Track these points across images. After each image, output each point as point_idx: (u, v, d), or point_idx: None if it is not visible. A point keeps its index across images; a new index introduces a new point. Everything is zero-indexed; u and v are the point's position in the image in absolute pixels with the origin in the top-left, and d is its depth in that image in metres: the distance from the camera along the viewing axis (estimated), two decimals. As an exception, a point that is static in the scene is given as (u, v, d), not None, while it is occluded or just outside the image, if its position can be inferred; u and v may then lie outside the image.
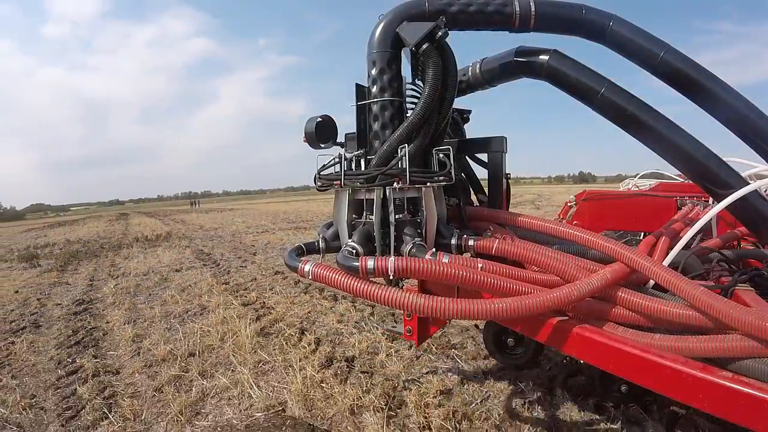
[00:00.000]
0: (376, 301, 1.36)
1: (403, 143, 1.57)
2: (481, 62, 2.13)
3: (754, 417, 1.01)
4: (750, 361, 1.09)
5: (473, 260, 1.53)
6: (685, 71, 1.77)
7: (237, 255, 9.30)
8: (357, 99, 1.74)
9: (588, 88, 1.74)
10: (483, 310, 1.29)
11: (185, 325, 4.44)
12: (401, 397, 2.71)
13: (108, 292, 6.24)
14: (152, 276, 7.34)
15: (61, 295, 6.41)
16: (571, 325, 1.42)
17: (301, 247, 1.71)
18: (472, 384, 2.84)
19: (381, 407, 2.57)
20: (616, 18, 1.82)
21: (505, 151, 1.96)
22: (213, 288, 6.04)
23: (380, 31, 1.68)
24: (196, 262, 8.59)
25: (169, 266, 8.26)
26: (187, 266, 8.20)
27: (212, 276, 6.92)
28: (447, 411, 2.46)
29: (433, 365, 3.16)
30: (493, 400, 2.64)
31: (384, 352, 3.41)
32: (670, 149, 1.70)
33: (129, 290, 6.33)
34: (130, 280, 7.03)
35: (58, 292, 6.65)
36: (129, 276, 7.44)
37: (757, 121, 1.76)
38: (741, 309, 1.12)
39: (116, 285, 6.70)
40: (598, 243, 1.54)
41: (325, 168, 1.70)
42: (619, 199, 3.15)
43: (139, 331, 4.38)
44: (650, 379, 1.22)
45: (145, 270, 7.96)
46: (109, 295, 6.04)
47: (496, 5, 1.73)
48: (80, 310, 5.43)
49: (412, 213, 1.62)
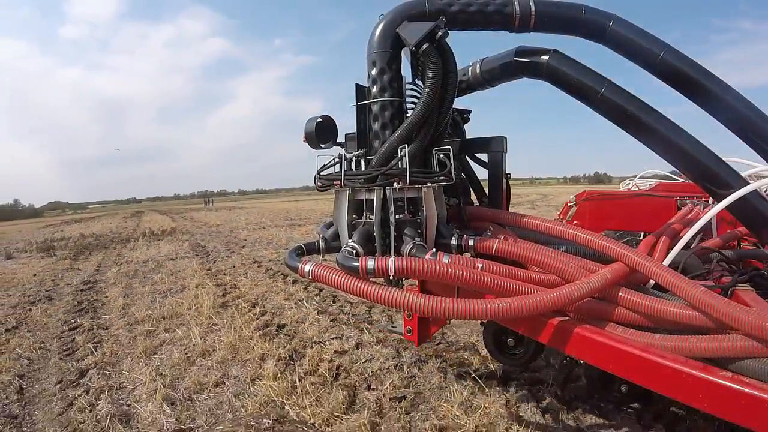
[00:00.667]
0: (376, 301, 1.36)
1: (403, 143, 1.57)
2: (481, 62, 2.13)
3: (754, 417, 1.01)
4: (750, 361, 1.09)
5: (473, 260, 1.53)
6: (685, 71, 1.77)
7: (227, 248, 10.42)
8: (357, 99, 1.74)
9: (588, 88, 1.74)
10: (483, 310, 1.29)
11: (165, 298, 5.57)
12: (304, 353, 3.53)
13: (110, 276, 7.41)
14: (150, 263, 8.55)
15: (71, 278, 7.64)
16: (572, 325, 1.42)
17: (301, 247, 1.71)
18: (365, 350, 3.57)
19: (284, 357, 3.42)
20: (616, 18, 1.82)
21: (505, 151, 1.96)
22: (196, 273, 7.18)
23: (380, 31, 1.68)
24: (190, 253, 9.79)
25: (167, 256, 9.44)
26: (181, 256, 9.42)
27: (199, 264, 8.14)
28: (333, 365, 3.23)
29: (343, 333, 3.97)
30: (374, 363, 3.28)
31: (309, 322, 4.30)
32: (671, 149, 1.70)
33: (128, 274, 7.48)
34: (130, 267, 8.22)
35: (69, 276, 7.89)
36: (130, 263, 8.67)
37: (757, 121, 1.76)
38: (741, 309, 1.12)
39: (118, 270, 7.91)
40: (598, 243, 1.54)
41: (325, 168, 1.71)
42: (619, 199, 3.15)
43: (129, 302, 5.54)
44: (650, 379, 1.22)
45: (145, 259, 9.14)
46: (111, 278, 7.22)
47: (496, 5, 1.73)
48: (86, 288, 6.67)
49: (412, 213, 1.62)
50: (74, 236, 16.88)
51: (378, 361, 3.31)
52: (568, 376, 2.35)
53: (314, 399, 2.77)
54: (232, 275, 6.92)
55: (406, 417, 2.55)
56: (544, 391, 2.72)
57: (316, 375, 3.12)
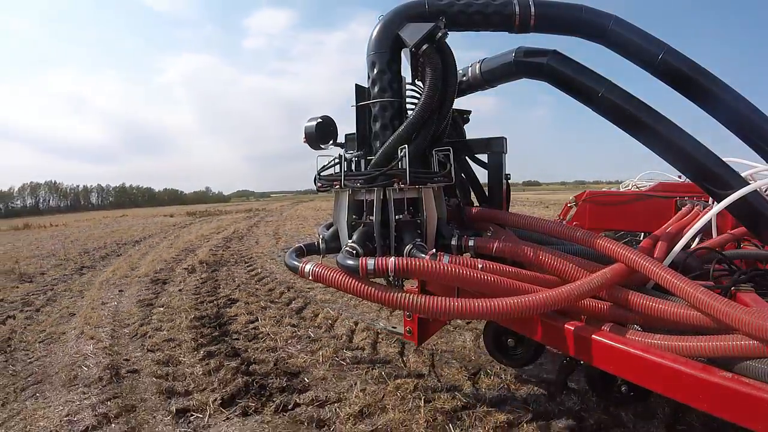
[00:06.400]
0: (375, 301, 1.37)
1: (403, 144, 1.56)
2: (481, 62, 2.13)
3: (754, 417, 1.01)
4: (750, 361, 1.09)
5: (473, 260, 1.53)
6: (684, 71, 1.77)
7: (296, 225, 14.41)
8: (357, 100, 1.74)
9: (588, 88, 1.74)
10: (483, 310, 1.29)
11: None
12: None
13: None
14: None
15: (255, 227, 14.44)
16: (572, 325, 1.42)
17: (301, 247, 1.71)
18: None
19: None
20: (616, 18, 1.82)
21: (505, 152, 1.96)
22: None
23: (380, 32, 1.68)
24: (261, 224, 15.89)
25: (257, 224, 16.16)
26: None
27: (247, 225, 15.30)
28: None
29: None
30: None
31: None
32: (670, 149, 1.70)
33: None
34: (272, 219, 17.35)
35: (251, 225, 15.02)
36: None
37: (757, 121, 1.76)
38: (741, 309, 1.11)
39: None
40: (599, 243, 1.54)
41: (326, 169, 1.71)
42: (618, 199, 3.15)
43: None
44: (650, 379, 1.22)
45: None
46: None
47: (496, 6, 1.73)
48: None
49: (412, 213, 1.62)
50: (255, 209, 28.17)
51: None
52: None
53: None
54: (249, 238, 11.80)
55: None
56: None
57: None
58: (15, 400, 2.60)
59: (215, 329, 3.71)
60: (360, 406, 2.27)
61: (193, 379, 2.73)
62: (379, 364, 2.84)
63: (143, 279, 6.03)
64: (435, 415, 2.17)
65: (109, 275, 6.38)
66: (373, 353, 3.07)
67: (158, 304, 4.69)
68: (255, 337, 3.51)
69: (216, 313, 4.22)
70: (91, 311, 4.43)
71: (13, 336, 3.79)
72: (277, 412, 2.29)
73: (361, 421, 2.18)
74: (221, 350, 3.17)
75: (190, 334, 3.58)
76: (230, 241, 10.24)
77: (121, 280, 6.01)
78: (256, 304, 4.47)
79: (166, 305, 4.60)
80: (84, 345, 3.45)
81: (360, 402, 2.32)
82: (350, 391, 2.47)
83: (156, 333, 3.67)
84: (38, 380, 2.85)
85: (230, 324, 3.86)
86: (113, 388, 2.65)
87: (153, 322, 4.01)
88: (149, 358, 3.11)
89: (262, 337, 3.50)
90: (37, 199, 79.78)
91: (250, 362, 2.94)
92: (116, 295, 5.15)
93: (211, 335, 3.55)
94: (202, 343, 3.34)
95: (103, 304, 4.72)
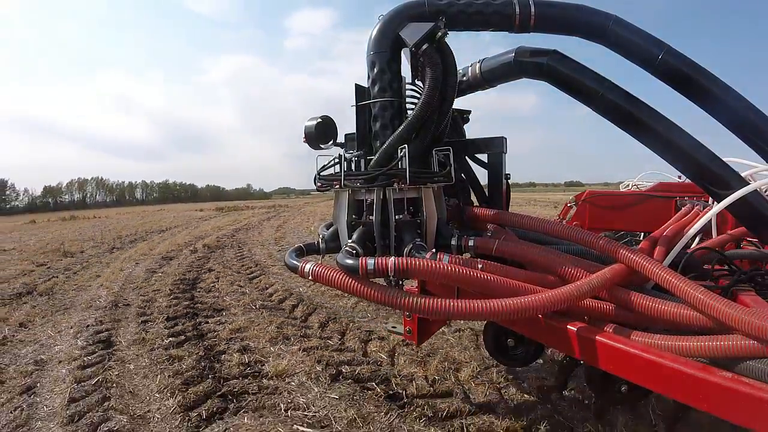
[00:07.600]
0: (375, 301, 1.36)
1: (403, 143, 1.57)
2: (481, 62, 2.13)
3: (754, 417, 1.01)
4: (750, 361, 1.09)
5: (473, 260, 1.53)
6: (684, 71, 1.77)
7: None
8: (357, 99, 1.74)
9: (588, 88, 1.74)
10: (483, 310, 1.29)
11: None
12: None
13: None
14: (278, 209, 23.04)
15: (267, 221, 16.47)
16: (572, 325, 1.42)
17: (301, 247, 1.71)
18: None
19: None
20: (616, 18, 1.82)
21: (505, 152, 1.95)
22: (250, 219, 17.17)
23: (380, 32, 1.68)
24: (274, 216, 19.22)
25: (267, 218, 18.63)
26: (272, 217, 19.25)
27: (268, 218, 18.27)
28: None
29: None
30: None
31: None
32: (670, 149, 1.70)
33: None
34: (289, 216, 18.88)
35: (263, 219, 17.27)
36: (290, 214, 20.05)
37: (757, 121, 1.76)
38: (741, 309, 1.11)
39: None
40: (599, 243, 1.54)
41: (326, 168, 1.71)
42: (618, 199, 3.15)
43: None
44: (650, 379, 1.22)
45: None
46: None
47: (496, 6, 1.72)
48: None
49: (412, 213, 1.62)
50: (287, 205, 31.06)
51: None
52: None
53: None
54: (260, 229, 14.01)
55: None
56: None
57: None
58: (51, 315, 4.42)
59: (188, 285, 5.54)
60: (237, 325, 3.82)
61: (157, 308, 4.52)
62: (274, 310, 4.36)
63: (156, 257, 7.98)
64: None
65: (132, 254, 8.52)
66: (278, 305, 4.56)
67: (159, 272, 6.55)
68: (209, 290, 5.26)
69: (195, 277, 6.05)
70: (111, 275, 6.39)
71: (55, 287, 5.69)
72: (198, 325, 3.94)
73: (234, 335, 3.65)
74: (185, 296, 4.97)
75: (170, 288, 5.38)
76: (238, 231, 12.63)
77: (141, 257, 7.97)
78: (225, 273, 6.28)
79: (164, 273, 6.47)
80: (101, 291, 5.39)
81: (237, 323, 3.88)
82: (238, 320, 4.01)
83: (149, 286, 5.56)
84: (67, 307, 4.71)
85: (199, 283, 5.71)
86: (111, 312, 4.45)
87: (151, 281, 5.86)
88: (139, 299, 4.91)
89: (215, 291, 5.24)
90: (84, 194, 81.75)
91: (197, 302, 4.73)
92: (133, 266, 7.11)
93: (182, 289, 5.35)
94: (174, 292, 5.13)
95: (120, 271, 6.71)
